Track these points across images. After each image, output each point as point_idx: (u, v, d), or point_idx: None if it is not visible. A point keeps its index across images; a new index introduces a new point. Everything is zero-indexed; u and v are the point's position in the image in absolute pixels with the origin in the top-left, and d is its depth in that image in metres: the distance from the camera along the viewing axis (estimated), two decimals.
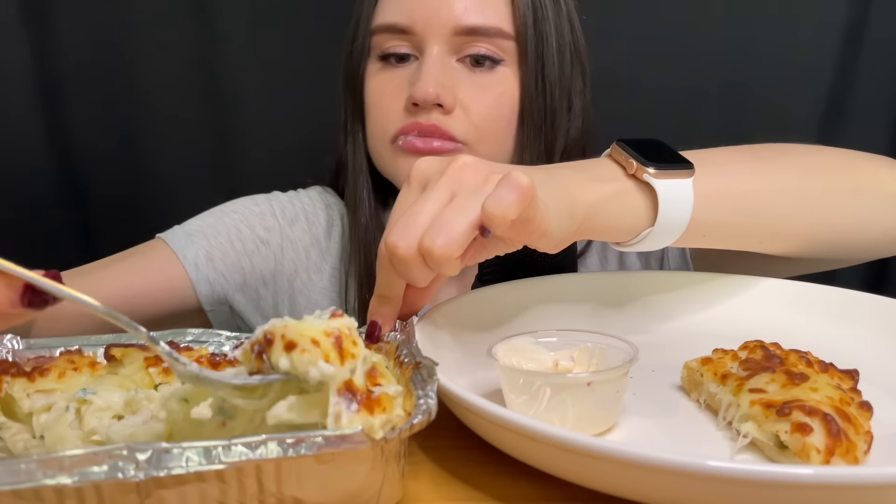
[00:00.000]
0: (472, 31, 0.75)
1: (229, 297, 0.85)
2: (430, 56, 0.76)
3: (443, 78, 0.75)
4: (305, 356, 0.34)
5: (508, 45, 0.77)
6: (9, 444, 0.40)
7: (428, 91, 0.74)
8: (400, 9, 0.77)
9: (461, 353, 0.53)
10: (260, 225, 0.87)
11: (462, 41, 0.76)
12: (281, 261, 0.88)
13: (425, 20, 0.75)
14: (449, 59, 0.77)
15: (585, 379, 0.44)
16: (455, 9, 0.75)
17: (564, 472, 0.39)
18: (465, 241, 0.46)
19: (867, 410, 0.43)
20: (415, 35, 0.76)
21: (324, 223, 0.91)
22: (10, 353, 0.47)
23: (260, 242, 0.86)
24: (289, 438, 0.32)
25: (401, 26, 0.76)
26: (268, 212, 0.88)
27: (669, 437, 0.46)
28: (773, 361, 0.48)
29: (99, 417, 0.40)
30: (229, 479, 0.32)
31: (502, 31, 0.76)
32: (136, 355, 0.46)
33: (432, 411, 0.36)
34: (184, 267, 0.80)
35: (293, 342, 0.34)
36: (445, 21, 0.75)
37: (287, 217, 0.89)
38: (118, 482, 0.30)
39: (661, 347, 0.57)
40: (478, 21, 0.75)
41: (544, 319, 0.54)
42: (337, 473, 0.33)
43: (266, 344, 0.35)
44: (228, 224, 0.85)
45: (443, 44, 0.76)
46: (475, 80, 0.77)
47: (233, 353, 0.48)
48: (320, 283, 0.90)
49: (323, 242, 0.90)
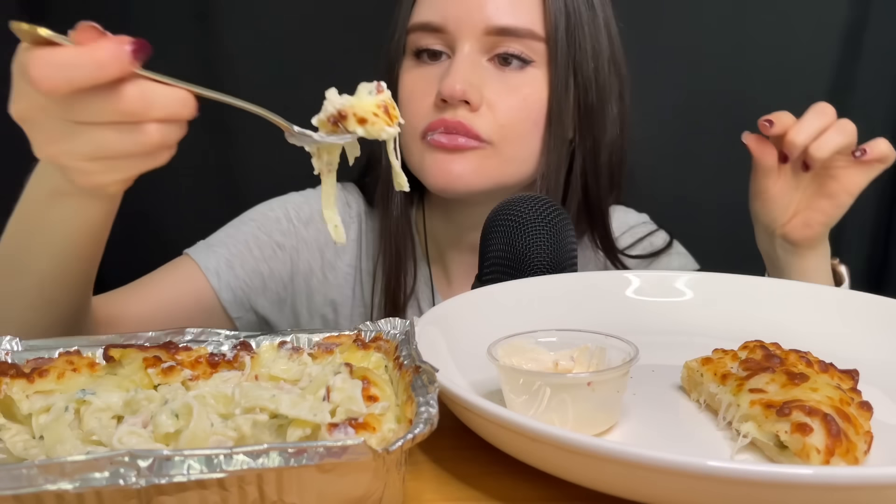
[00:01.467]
0: (503, 31, 0.77)
1: (252, 303, 0.87)
2: (460, 54, 0.78)
3: (471, 76, 0.77)
4: (375, 127, 0.49)
5: (539, 47, 0.79)
6: (8, 445, 0.40)
7: (455, 88, 0.76)
8: (435, 8, 0.79)
9: (461, 353, 0.53)
10: (276, 230, 0.89)
11: (493, 41, 0.78)
12: (297, 262, 0.90)
13: (458, 19, 0.78)
14: (480, 57, 0.79)
15: (585, 379, 0.44)
16: (487, 9, 0.77)
17: (564, 472, 0.39)
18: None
19: (867, 410, 0.43)
20: (448, 33, 0.79)
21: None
22: (9, 354, 0.47)
23: (277, 247, 0.89)
24: (290, 448, 0.32)
25: (435, 25, 0.79)
26: (283, 216, 0.90)
27: (669, 437, 0.46)
28: (773, 361, 0.47)
29: (98, 418, 0.40)
30: (230, 486, 0.32)
31: (533, 32, 0.78)
32: (134, 356, 0.46)
33: (434, 421, 0.36)
34: (206, 276, 0.83)
35: (363, 118, 0.49)
36: (477, 21, 0.77)
37: (302, 219, 0.91)
38: (119, 488, 0.30)
39: (661, 347, 0.57)
40: (509, 22, 0.77)
41: (544, 319, 0.54)
42: (338, 482, 0.33)
43: (340, 118, 0.49)
44: (246, 232, 0.88)
45: (474, 43, 0.78)
46: (504, 79, 0.79)
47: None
48: (335, 281, 0.92)
49: None
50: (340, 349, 0.49)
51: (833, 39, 1.25)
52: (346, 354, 0.48)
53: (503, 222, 0.65)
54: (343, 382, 0.39)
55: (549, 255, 0.64)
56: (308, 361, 0.47)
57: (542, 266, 0.64)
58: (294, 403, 0.38)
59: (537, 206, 0.65)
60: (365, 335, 0.50)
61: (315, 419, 0.37)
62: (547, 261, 0.64)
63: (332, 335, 0.50)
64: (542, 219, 0.64)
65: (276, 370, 0.46)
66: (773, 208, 0.75)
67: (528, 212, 0.65)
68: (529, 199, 0.66)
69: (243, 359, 0.47)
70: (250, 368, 0.46)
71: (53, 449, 0.38)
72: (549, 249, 0.64)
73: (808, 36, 1.25)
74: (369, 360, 0.47)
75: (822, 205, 0.73)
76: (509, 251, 0.65)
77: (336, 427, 0.36)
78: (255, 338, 0.50)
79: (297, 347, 0.50)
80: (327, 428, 0.36)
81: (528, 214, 0.64)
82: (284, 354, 0.48)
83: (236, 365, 0.47)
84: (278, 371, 0.46)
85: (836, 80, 1.26)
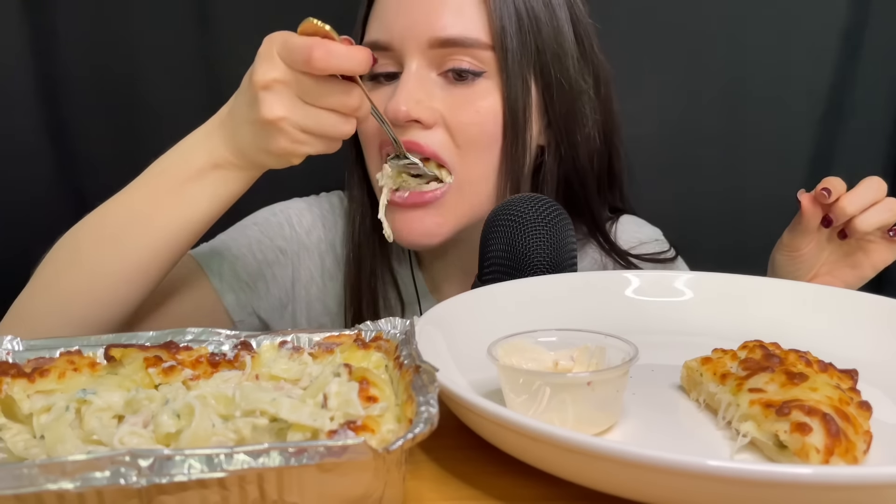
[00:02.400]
0: (448, 42, 0.75)
1: (255, 307, 0.87)
2: (408, 71, 0.76)
3: (419, 93, 0.75)
4: None
5: (488, 56, 0.76)
6: (9, 445, 0.40)
7: (399, 108, 0.74)
8: (381, 26, 0.78)
9: (461, 353, 0.53)
10: (279, 235, 0.89)
11: (440, 54, 0.76)
12: (298, 268, 0.90)
13: (402, 35, 0.76)
14: (428, 73, 0.77)
15: (585, 378, 0.44)
16: (430, 21, 0.75)
17: (564, 472, 0.39)
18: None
19: (866, 410, 0.43)
20: (394, 51, 0.77)
21: (341, 230, 0.93)
22: (10, 354, 0.47)
23: (279, 252, 0.89)
24: (291, 447, 0.32)
25: (382, 43, 0.77)
26: (285, 221, 0.90)
27: (669, 437, 0.46)
28: (773, 361, 0.48)
29: (99, 417, 0.40)
30: (231, 485, 0.32)
31: (479, 41, 0.76)
32: (135, 355, 0.46)
33: (434, 421, 0.36)
34: (209, 278, 0.83)
35: None
36: (421, 34, 0.75)
37: (304, 225, 0.91)
38: (120, 488, 0.31)
39: (661, 347, 0.57)
40: (453, 32, 0.75)
41: (544, 319, 0.54)
42: (339, 482, 0.33)
43: None
44: (250, 237, 0.88)
45: (421, 58, 0.76)
46: (455, 93, 0.77)
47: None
48: (333, 290, 0.91)
49: (338, 249, 0.92)
50: (341, 349, 0.49)
51: (833, 39, 1.25)
52: (347, 354, 0.48)
53: (503, 222, 0.65)
54: (339, 386, 0.40)
55: (549, 255, 0.64)
56: (308, 361, 0.47)
57: (542, 266, 0.64)
58: (294, 408, 0.38)
59: (537, 206, 0.65)
60: (365, 335, 0.50)
61: (315, 424, 0.37)
62: (547, 261, 0.64)
63: (332, 335, 0.50)
64: (542, 219, 0.64)
65: (277, 370, 0.46)
66: (799, 266, 0.75)
67: (528, 212, 0.65)
68: (529, 199, 0.66)
69: (244, 358, 0.47)
70: (251, 368, 0.46)
71: (54, 448, 0.38)
72: (549, 249, 0.65)
73: (808, 36, 1.25)
74: (369, 360, 0.47)
75: (845, 273, 0.74)
76: (509, 251, 0.65)
77: (335, 433, 0.36)
78: (256, 337, 0.50)
79: (298, 347, 0.50)
80: (327, 435, 0.36)
81: (528, 214, 0.64)
82: (285, 354, 0.48)
83: (237, 364, 0.47)
84: (279, 371, 0.46)
85: (836, 80, 1.26)
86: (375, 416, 0.38)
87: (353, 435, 0.36)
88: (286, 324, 0.90)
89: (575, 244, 0.68)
